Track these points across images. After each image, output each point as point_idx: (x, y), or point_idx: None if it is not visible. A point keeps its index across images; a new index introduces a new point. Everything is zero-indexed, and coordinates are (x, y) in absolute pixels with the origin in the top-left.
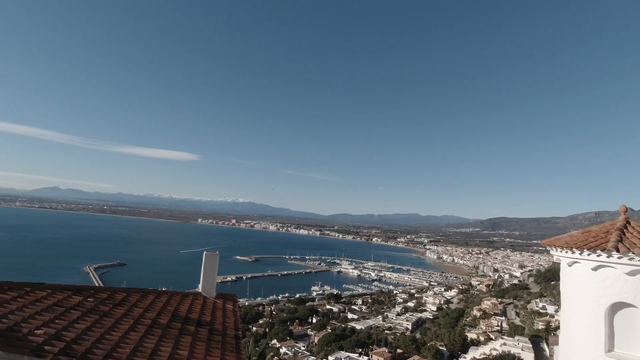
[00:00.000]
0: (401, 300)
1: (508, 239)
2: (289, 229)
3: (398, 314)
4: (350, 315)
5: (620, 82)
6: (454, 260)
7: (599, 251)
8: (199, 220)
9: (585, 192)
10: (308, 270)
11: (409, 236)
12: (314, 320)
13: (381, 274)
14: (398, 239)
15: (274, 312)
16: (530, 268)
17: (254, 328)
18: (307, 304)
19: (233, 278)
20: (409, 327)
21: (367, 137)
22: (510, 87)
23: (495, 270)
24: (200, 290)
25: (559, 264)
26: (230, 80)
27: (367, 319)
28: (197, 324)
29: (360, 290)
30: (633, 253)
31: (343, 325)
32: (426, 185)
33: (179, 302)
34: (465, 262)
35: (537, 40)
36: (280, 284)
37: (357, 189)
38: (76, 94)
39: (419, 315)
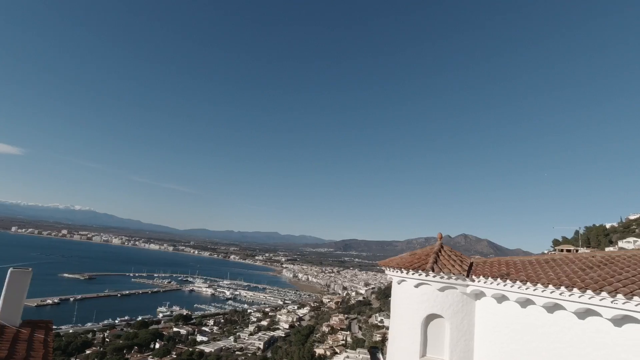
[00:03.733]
0: (255, 320)
1: (357, 259)
2: (137, 243)
3: (251, 334)
4: (200, 338)
5: (459, 129)
6: (308, 278)
7: (420, 271)
8: (13, 229)
9: (419, 220)
10: (155, 290)
11: (267, 254)
12: (157, 346)
13: (236, 293)
14: (256, 257)
15: (107, 339)
16: (373, 286)
17: None
18: (151, 328)
19: (55, 300)
20: (261, 346)
21: (230, 151)
22: (357, 116)
23: (345, 288)
24: None
25: (392, 281)
26: (71, 64)
27: (218, 340)
28: None
29: (213, 310)
30: (443, 273)
31: (191, 349)
32: (287, 205)
33: None
34: (318, 281)
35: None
36: (120, 306)
37: (218, 204)
38: None
39: (272, 333)
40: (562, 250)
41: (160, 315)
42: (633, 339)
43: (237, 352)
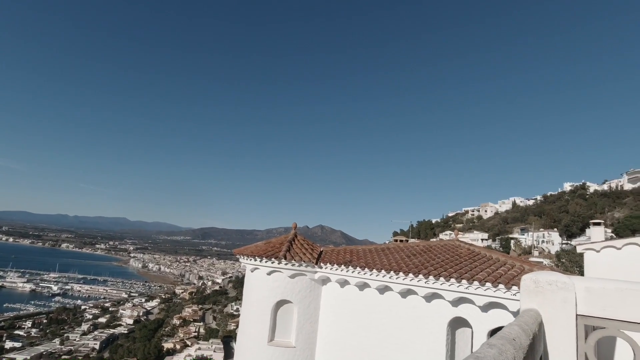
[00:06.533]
0: (90, 317)
1: (216, 248)
2: None
3: (84, 333)
4: (10, 344)
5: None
6: (160, 268)
7: (273, 259)
8: None
9: (280, 210)
10: None
11: (112, 242)
12: None
13: (67, 287)
14: (97, 246)
15: None
16: (231, 275)
17: None
18: None
19: None
20: (97, 346)
21: (62, 114)
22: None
23: (200, 278)
24: None
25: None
26: None
27: (38, 344)
28: None
29: (32, 310)
30: (294, 260)
31: None
32: (137, 188)
33: None
34: (172, 271)
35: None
36: None
37: (47, 182)
38: None
39: (112, 331)
40: (396, 241)
41: None
42: (437, 310)
43: (63, 357)
